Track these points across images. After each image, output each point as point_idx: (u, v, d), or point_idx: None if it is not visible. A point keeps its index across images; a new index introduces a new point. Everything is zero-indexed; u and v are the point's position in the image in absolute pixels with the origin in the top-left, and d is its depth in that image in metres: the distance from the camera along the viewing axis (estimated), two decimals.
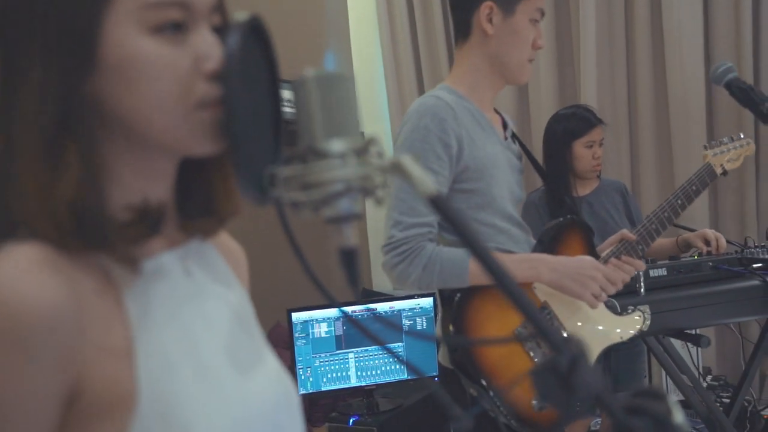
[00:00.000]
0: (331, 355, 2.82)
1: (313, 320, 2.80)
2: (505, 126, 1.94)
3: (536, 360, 1.75)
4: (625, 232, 1.94)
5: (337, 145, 0.69)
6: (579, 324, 1.84)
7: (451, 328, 1.75)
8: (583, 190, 2.78)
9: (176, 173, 0.79)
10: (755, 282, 2.32)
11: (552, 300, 1.81)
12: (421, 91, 3.67)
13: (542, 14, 1.84)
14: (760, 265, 2.41)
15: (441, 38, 3.55)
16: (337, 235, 0.72)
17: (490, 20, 1.80)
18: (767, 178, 3.34)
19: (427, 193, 0.67)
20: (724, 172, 2.13)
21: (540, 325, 0.65)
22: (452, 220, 0.67)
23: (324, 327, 2.81)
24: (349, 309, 2.79)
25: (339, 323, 2.81)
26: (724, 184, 3.36)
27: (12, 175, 0.68)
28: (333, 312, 2.80)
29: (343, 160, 0.69)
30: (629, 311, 1.94)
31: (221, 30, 0.74)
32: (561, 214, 1.98)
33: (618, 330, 1.90)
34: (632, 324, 1.92)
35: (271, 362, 0.85)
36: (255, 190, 0.70)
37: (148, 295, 0.74)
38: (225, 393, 0.74)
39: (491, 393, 1.70)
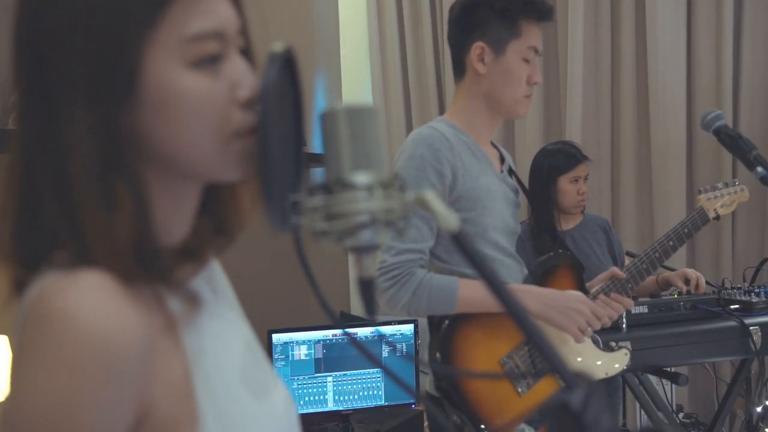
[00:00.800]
0: (309, 378, 2.81)
1: (293, 342, 2.80)
2: (502, 160, 1.97)
3: (519, 390, 1.77)
4: (616, 270, 1.98)
5: (363, 178, 0.70)
6: (565, 358, 1.86)
7: (437, 355, 1.76)
8: (567, 224, 2.82)
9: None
10: (732, 323, 2.37)
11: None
12: (408, 116, 3.71)
13: (536, 52, 1.86)
14: (737, 306, 2.46)
15: (430, 62, 3.60)
16: (356, 265, 0.74)
17: (482, 60, 1.84)
18: (744, 221, 3.42)
19: (450, 228, 0.69)
20: (717, 217, 2.17)
21: (553, 361, 0.67)
22: (472, 257, 0.69)
23: (304, 349, 2.80)
24: (329, 333, 2.79)
25: (319, 346, 2.81)
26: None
27: (66, 214, 0.68)
28: (313, 335, 2.80)
29: (369, 193, 0.70)
30: (614, 348, 1.97)
31: (246, 53, 0.76)
32: (546, 248, 2.01)
33: (603, 366, 1.93)
34: (617, 361, 1.95)
35: (280, 385, 0.86)
36: (279, 217, 0.71)
37: (200, 329, 0.75)
38: (247, 416, 0.75)
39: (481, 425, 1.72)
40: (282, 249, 0.76)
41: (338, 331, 2.82)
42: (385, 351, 2.84)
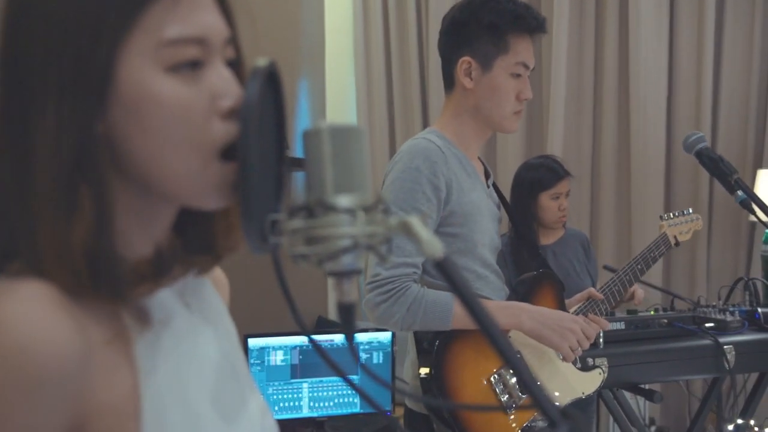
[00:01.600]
0: (285, 383, 2.79)
1: (269, 347, 2.78)
2: (487, 175, 1.97)
3: (508, 410, 1.76)
4: (593, 291, 1.99)
5: (346, 201, 0.68)
6: (547, 376, 1.87)
7: (428, 371, 1.75)
8: (547, 239, 2.83)
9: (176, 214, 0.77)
10: (707, 341, 2.39)
11: (524, 350, 1.84)
12: (392, 125, 3.70)
13: (527, 67, 1.83)
14: (711, 324, 2.48)
15: (415, 71, 3.60)
16: (336, 289, 0.72)
17: (469, 75, 1.81)
18: (719, 241, 3.46)
19: (435, 255, 0.68)
20: (677, 243, 2.25)
21: (537, 396, 0.66)
22: (456, 285, 0.68)
23: (280, 355, 2.79)
24: (305, 339, 2.78)
25: (296, 352, 2.79)
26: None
27: (23, 217, 0.66)
28: (290, 340, 2.78)
29: (351, 217, 0.68)
30: (590, 366, 1.98)
31: (234, 64, 0.73)
32: (527, 263, 2.02)
33: (581, 385, 1.94)
34: (594, 380, 1.96)
35: (254, 402, 0.84)
36: (258, 239, 0.68)
37: (159, 343, 0.71)
38: None
39: None
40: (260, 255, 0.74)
41: (318, 338, 2.81)
42: (363, 357, 2.83)
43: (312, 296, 3.69)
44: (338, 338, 2.82)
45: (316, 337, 2.82)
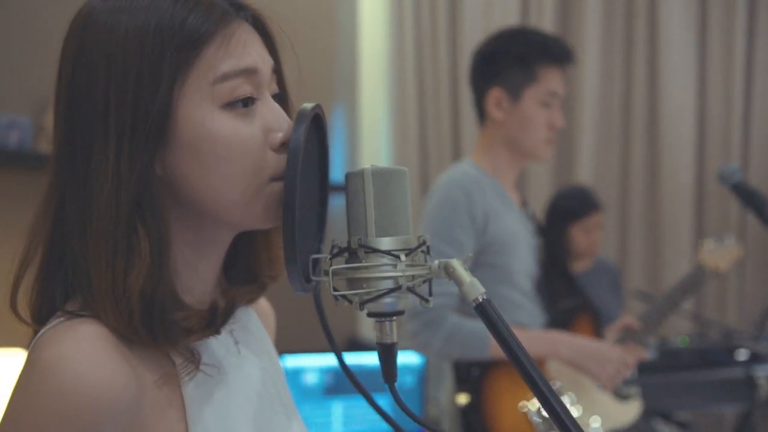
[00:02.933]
0: (316, 404, 2.80)
1: (302, 369, 2.79)
2: (524, 204, 1.98)
3: None
4: (630, 321, 1.98)
5: (388, 244, 0.70)
6: (585, 406, 1.87)
7: (467, 399, 1.76)
8: (577, 268, 2.83)
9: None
10: (738, 371, 2.37)
11: (562, 380, 1.84)
12: (424, 153, 3.72)
13: (556, 96, 1.84)
14: (744, 355, 2.45)
15: (447, 108, 3.62)
16: (377, 330, 0.73)
17: (500, 106, 1.83)
18: (752, 265, 3.43)
19: (474, 297, 0.69)
20: (718, 272, 2.18)
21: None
22: (495, 326, 0.69)
23: (312, 375, 2.80)
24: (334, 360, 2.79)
25: (328, 372, 2.80)
26: None
27: (82, 257, 0.68)
28: (322, 361, 2.79)
29: (393, 260, 0.69)
30: (626, 395, 1.97)
31: (281, 97, 0.77)
32: (560, 292, 2.02)
33: (619, 415, 1.93)
34: (632, 410, 1.95)
35: (296, 428, 0.86)
36: (301, 279, 0.70)
37: (206, 379, 0.73)
38: None
39: None
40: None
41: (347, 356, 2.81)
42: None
43: (343, 315, 3.70)
44: (370, 360, 2.82)
45: (347, 359, 2.82)
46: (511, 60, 1.82)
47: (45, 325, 0.69)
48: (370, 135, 3.44)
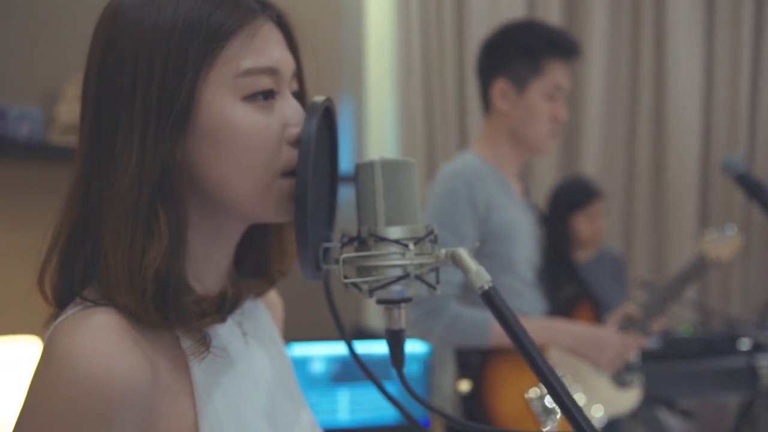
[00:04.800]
0: (323, 391, 2.83)
1: (309, 357, 2.82)
2: (527, 194, 2.00)
3: (545, 428, 1.79)
4: (630, 307, 2.00)
5: (397, 233, 0.72)
6: (586, 395, 1.89)
7: (469, 385, 1.79)
8: (581, 257, 2.85)
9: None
10: (740, 360, 2.39)
11: (562, 368, 1.87)
12: (430, 141, 3.74)
13: (561, 89, 1.86)
14: (747, 344, 2.47)
15: (453, 98, 3.64)
16: (385, 316, 0.75)
17: (505, 96, 1.85)
18: (756, 255, 3.44)
19: (481, 285, 0.71)
20: (719, 263, 2.19)
21: (576, 417, 0.69)
22: (501, 314, 0.71)
23: (319, 363, 2.83)
24: (341, 348, 2.82)
25: (334, 361, 2.83)
26: None
27: (102, 238, 0.70)
28: (329, 350, 2.82)
29: (402, 248, 0.72)
30: (626, 382, 1.99)
31: (299, 96, 0.80)
32: (563, 280, 2.04)
33: (619, 402, 1.96)
34: (631, 397, 1.98)
35: (305, 418, 0.88)
36: (312, 267, 0.72)
37: (215, 366, 0.76)
38: None
39: None
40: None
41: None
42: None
43: (349, 304, 3.73)
44: (377, 349, 2.85)
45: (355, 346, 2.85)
46: (518, 52, 1.83)
47: (64, 310, 0.71)
48: (377, 125, 3.46)
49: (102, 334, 0.66)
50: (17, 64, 2.25)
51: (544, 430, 1.79)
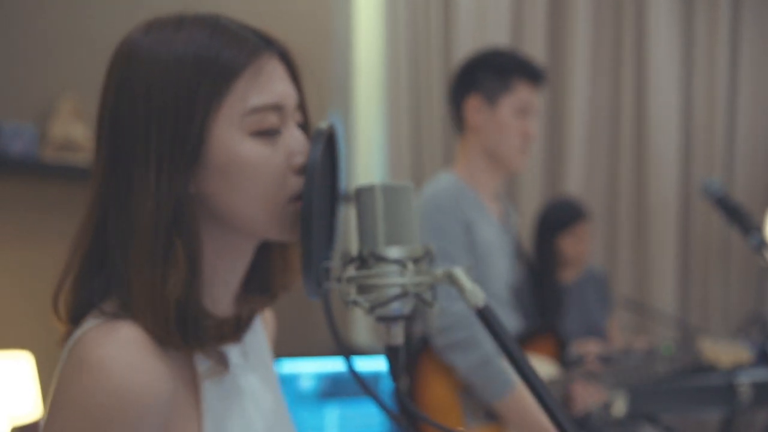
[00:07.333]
0: (311, 408, 2.84)
1: (297, 374, 2.83)
2: (507, 215, 2.05)
3: (467, 422, 1.82)
4: (593, 363, 2.04)
5: (396, 253, 0.76)
6: None
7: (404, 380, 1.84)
8: (566, 277, 2.87)
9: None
10: (718, 377, 2.43)
11: None
12: (418, 158, 3.78)
13: (531, 107, 1.94)
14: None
15: (439, 116, 3.69)
16: (384, 333, 0.79)
17: (477, 112, 1.93)
18: (736, 276, 3.51)
19: (476, 304, 0.75)
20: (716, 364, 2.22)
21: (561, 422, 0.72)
22: (496, 332, 0.75)
23: (308, 380, 2.83)
24: (328, 365, 2.83)
25: (322, 377, 2.84)
26: (695, 275, 3.53)
27: (122, 266, 0.74)
28: (316, 366, 2.82)
29: (401, 267, 0.76)
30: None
31: (303, 126, 0.84)
32: (547, 301, 2.08)
33: None
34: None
35: None
36: (314, 285, 0.76)
37: (221, 385, 0.79)
38: None
39: None
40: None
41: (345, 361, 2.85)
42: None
43: (337, 321, 3.73)
44: (363, 365, 2.86)
45: (339, 365, 2.87)
46: (489, 71, 1.94)
47: (79, 324, 0.74)
48: (365, 143, 3.51)
49: (132, 347, 0.70)
50: (11, 80, 2.26)
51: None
